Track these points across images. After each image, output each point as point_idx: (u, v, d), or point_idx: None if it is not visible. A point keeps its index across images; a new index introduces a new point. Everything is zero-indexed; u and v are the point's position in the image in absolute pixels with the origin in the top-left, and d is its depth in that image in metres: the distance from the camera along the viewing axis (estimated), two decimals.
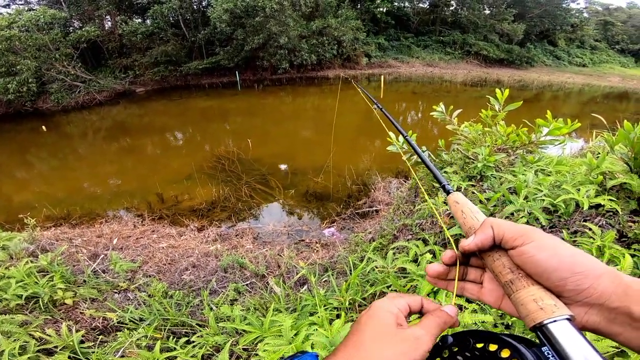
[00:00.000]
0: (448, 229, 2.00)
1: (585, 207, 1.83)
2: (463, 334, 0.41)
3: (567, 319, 0.35)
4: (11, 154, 10.24)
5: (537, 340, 0.36)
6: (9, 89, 14.86)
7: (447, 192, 0.57)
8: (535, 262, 0.39)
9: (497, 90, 2.60)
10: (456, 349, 0.41)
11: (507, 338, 0.37)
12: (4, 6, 21.45)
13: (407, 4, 28.95)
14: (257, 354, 1.69)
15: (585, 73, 28.08)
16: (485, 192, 2.29)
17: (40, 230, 4.48)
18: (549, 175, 2.20)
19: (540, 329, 0.35)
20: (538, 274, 0.39)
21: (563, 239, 1.95)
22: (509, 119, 2.76)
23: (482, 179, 2.51)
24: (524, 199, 1.95)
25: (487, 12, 29.10)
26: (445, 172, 2.77)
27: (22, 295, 2.70)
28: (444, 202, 2.14)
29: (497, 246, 0.43)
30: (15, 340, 2.17)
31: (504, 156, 2.55)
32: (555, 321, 0.34)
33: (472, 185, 2.47)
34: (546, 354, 0.33)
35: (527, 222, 2.08)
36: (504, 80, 21.97)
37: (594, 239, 1.67)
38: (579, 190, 1.89)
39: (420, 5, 29.43)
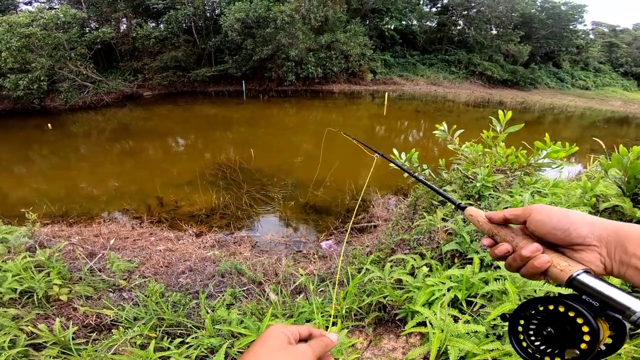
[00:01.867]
0: (445, 245, 2.05)
1: None
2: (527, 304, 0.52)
3: (586, 271, 0.46)
4: (14, 150, 10.32)
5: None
6: (19, 85, 15.01)
7: (462, 209, 0.69)
8: (543, 224, 0.51)
9: (500, 112, 2.68)
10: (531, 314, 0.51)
11: (561, 298, 0.47)
12: (26, 3, 21.88)
13: (415, 22, 29.44)
14: None
15: (587, 96, 28.34)
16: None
17: (39, 226, 4.51)
18: (545, 197, 2.25)
19: (571, 283, 0.46)
20: (548, 232, 0.50)
21: None
22: (509, 141, 2.83)
23: (480, 198, 2.56)
24: None
25: (494, 32, 29.36)
26: (444, 190, 2.83)
27: (16, 289, 2.70)
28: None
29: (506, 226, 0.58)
30: (5, 334, 2.18)
31: (502, 177, 2.61)
32: (579, 274, 0.46)
33: (470, 204, 2.52)
34: (586, 300, 0.45)
35: None
36: (507, 101, 22.21)
37: None
38: None
39: (428, 24, 29.92)
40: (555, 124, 16.98)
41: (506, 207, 2.34)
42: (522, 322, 0.52)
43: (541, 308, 0.50)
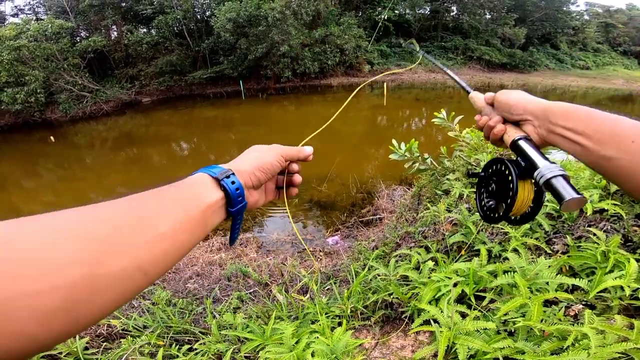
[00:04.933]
0: (450, 236, 2.00)
1: (589, 212, 1.81)
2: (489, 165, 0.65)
3: (524, 137, 0.58)
4: (20, 165, 10.41)
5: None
6: (17, 99, 15.10)
7: (468, 92, 0.84)
8: (499, 104, 0.66)
9: None
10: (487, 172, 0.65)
11: (502, 159, 0.60)
12: (13, 15, 21.96)
13: (408, 10, 29.13)
14: None
15: (588, 76, 27.91)
16: None
17: None
18: None
19: (513, 144, 0.59)
20: (504, 111, 0.64)
21: (567, 245, 1.93)
22: None
23: None
24: None
25: (488, 16, 29.06)
26: (447, 179, 2.77)
27: None
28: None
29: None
30: None
31: None
32: (519, 139, 0.58)
33: (475, 192, 2.46)
34: (518, 160, 0.56)
35: (531, 228, 2.07)
36: (507, 84, 21.93)
37: (598, 244, 1.65)
38: None
39: (421, 12, 29.59)
40: None
41: None
42: (483, 182, 0.65)
43: (493, 167, 0.62)
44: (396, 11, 27.56)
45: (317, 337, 1.61)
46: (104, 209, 0.36)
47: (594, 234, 1.76)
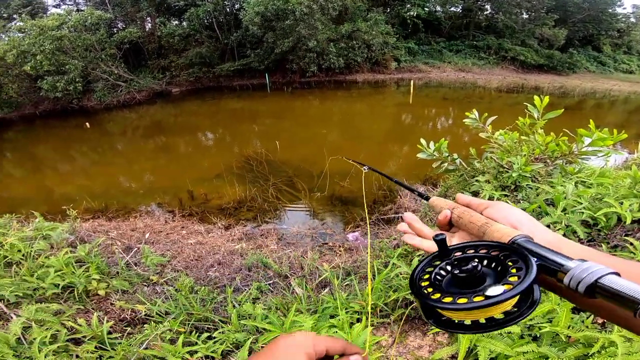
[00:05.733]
0: None
1: (628, 221, 1.71)
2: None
3: (526, 236, 0.46)
4: (56, 149, 10.97)
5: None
6: (57, 87, 15.86)
7: (427, 199, 0.70)
8: (494, 219, 0.52)
9: (536, 97, 2.49)
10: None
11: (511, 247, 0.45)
12: (55, 6, 23.02)
13: (438, 8, 28.35)
14: None
15: (632, 80, 26.21)
16: (519, 202, 2.19)
17: (80, 222, 4.75)
18: (590, 188, 2.07)
19: (515, 242, 0.45)
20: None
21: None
22: (547, 128, 2.63)
23: (517, 189, 2.40)
24: (561, 211, 1.85)
25: (525, 16, 27.87)
26: (477, 180, 2.68)
27: (58, 284, 2.81)
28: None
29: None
30: (47, 329, 2.26)
31: (542, 166, 2.44)
32: (521, 237, 0.46)
33: (506, 195, 2.37)
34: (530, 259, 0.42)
35: (564, 235, 1.97)
36: (543, 86, 20.96)
37: (634, 253, 1.56)
38: (621, 203, 1.77)
39: (453, 9, 28.72)
40: (598, 109, 15.84)
41: (546, 199, 2.19)
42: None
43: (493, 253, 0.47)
44: (426, 8, 26.87)
45: (336, 332, 1.61)
46: None
47: (631, 244, 1.66)
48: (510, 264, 0.41)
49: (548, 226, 1.86)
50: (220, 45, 21.49)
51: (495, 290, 0.38)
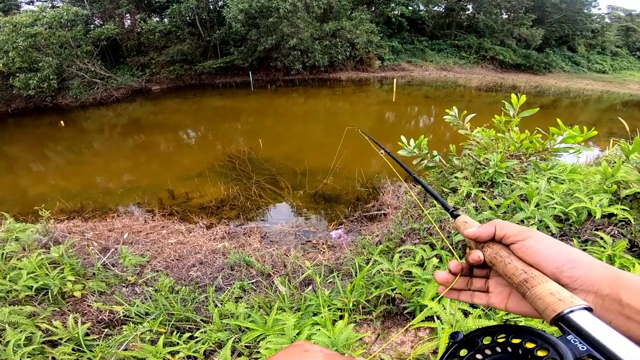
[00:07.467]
0: (455, 234, 1.98)
1: (598, 216, 1.78)
2: (480, 331, 0.42)
3: (586, 308, 0.36)
4: (29, 148, 10.52)
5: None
6: (30, 84, 15.23)
7: (454, 217, 0.61)
8: (535, 252, 0.44)
9: (513, 96, 2.56)
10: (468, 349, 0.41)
11: (542, 333, 0.37)
12: (28, 2, 22.07)
13: (422, 7, 28.75)
14: (259, 352, 1.69)
15: (604, 80, 27.35)
16: (495, 198, 2.25)
17: (54, 222, 4.58)
18: (562, 183, 2.15)
19: (562, 318, 0.36)
20: (537, 263, 0.44)
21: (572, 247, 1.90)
22: (523, 125, 2.71)
23: (493, 185, 2.47)
24: (535, 207, 1.91)
25: (505, 16, 28.60)
26: (455, 177, 2.74)
27: (32, 286, 2.72)
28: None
29: (498, 242, 0.50)
30: (21, 331, 2.20)
31: (517, 163, 2.51)
32: (574, 310, 0.36)
33: (482, 192, 2.43)
34: (572, 342, 0.34)
35: (537, 229, 2.04)
36: (520, 86, 21.59)
37: (604, 247, 1.63)
38: (592, 199, 1.84)
39: (436, 9, 29.19)
40: (572, 108, 16.43)
41: (520, 195, 2.25)
42: (462, 353, 0.41)
43: (515, 341, 0.38)
44: (410, 7, 27.21)
45: (319, 330, 1.61)
46: None
47: (601, 238, 1.73)
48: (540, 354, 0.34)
49: (522, 221, 1.92)
50: (203, 42, 21.13)
51: None
